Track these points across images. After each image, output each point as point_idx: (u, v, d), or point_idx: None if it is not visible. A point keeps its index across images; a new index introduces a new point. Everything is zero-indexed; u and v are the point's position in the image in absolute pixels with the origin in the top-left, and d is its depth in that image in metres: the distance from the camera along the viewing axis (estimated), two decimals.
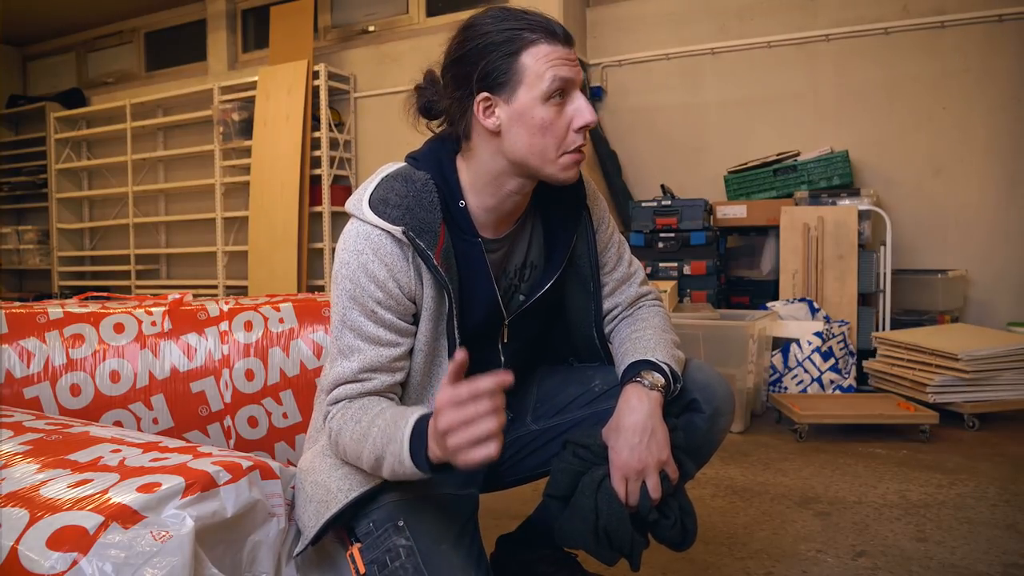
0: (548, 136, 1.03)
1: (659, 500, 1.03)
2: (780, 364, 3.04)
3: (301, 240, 4.59)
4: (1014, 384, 2.62)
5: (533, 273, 1.19)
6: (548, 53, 1.01)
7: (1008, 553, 1.60)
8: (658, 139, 4.14)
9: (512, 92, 1.02)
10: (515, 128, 1.03)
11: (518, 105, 1.02)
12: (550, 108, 1.02)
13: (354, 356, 1.04)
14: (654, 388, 1.07)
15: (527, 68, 1.01)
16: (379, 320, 1.03)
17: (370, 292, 1.03)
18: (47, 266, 6.17)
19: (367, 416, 1.00)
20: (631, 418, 1.04)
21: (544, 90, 1.01)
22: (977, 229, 3.49)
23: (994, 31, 3.41)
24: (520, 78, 1.01)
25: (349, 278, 1.03)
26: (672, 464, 1.05)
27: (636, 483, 1.03)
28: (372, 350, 1.04)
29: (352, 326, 1.04)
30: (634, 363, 1.11)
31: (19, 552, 0.80)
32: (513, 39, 1.01)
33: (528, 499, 1.42)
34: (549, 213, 1.18)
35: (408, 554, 0.98)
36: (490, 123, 1.03)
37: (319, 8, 4.96)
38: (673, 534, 1.06)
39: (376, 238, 1.03)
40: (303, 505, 1.06)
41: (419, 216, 1.03)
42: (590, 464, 1.06)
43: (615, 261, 1.24)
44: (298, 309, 1.65)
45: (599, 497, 1.02)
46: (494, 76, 1.01)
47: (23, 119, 6.44)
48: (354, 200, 1.07)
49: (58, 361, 1.46)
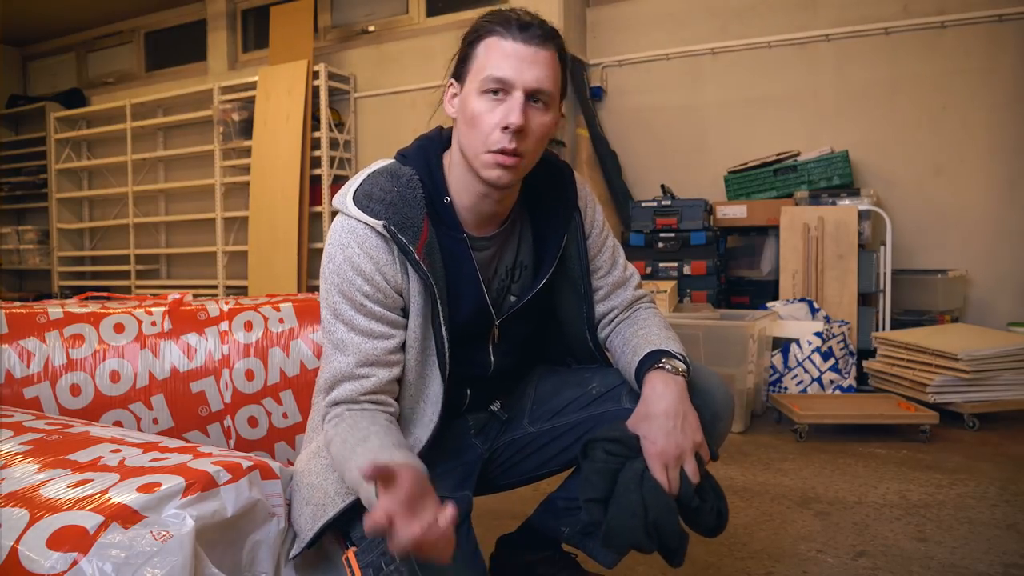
0: (476, 129, 1.01)
1: (699, 483, 1.02)
2: (780, 364, 3.04)
3: (301, 240, 4.59)
4: (1014, 384, 2.62)
5: (524, 274, 1.18)
6: (495, 46, 1.00)
7: (1008, 553, 1.60)
8: (658, 139, 4.14)
9: (463, 81, 1.04)
10: (460, 117, 1.05)
11: (463, 94, 1.04)
12: (484, 101, 1.00)
13: (348, 350, 1.03)
14: (677, 373, 1.07)
15: (476, 58, 1.02)
16: (369, 313, 1.04)
17: (357, 285, 1.03)
18: (47, 266, 6.17)
19: (354, 436, 0.99)
20: (662, 404, 1.03)
21: (479, 82, 1.00)
22: (977, 229, 3.49)
23: (994, 31, 3.41)
24: (470, 67, 1.03)
25: (336, 272, 1.03)
26: (705, 446, 1.05)
27: (676, 470, 1.01)
28: (366, 343, 1.03)
29: (343, 319, 1.04)
30: (650, 353, 1.11)
31: (19, 552, 0.80)
32: (478, 29, 1.03)
33: (528, 499, 1.42)
34: (537, 214, 1.18)
35: (403, 557, 0.98)
36: (450, 110, 1.06)
37: (319, 8, 4.95)
38: (710, 519, 1.05)
39: (361, 232, 1.03)
40: (299, 507, 1.06)
41: (402, 211, 1.03)
42: (624, 459, 1.03)
43: (610, 265, 1.24)
44: (298, 309, 1.65)
45: (644, 490, 0.99)
46: (457, 63, 1.04)
47: (23, 119, 6.44)
48: (340, 195, 1.07)
49: (58, 361, 1.46)
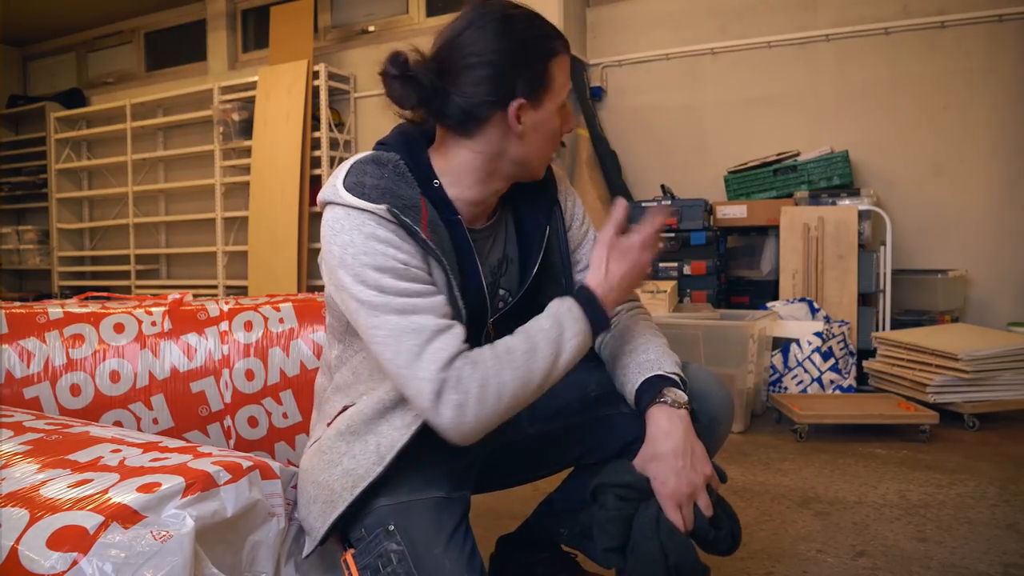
0: (552, 142, 1.08)
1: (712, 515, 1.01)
2: (780, 364, 3.04)
3: (301, 240, 4.59)
4: (1014, 384, 2.62)
5: (511, 268, 1.17)
6: (564, 65, 1.06)
7: (1008, 553, 1.60)
8: (658, 139, 4.14)
9: (540, 100, 1.03)
10: (534, 134, 1.05)
11: (543, 113, 1.04)
12: (558, 116, 1.07)
13: (419, 309, 0.96)
14: (680, 406, 1.04)
15: (554, 79, 1.04)
16: (414, 276, 0.97)
17: (391, 254, 0.96)
18: (47, 266, 6.17)
19: (506, 343, 0.99)
20: (669, 443, 1.01)
21: (559, 100, 1.06)
22: (977, 229, 3.49)
23: (994, 31, 3.41)
24: (548, 86, 1.04)
25: (363, 252, 0.96)
26: (715, 476, 1.04)
27: (689, 507, 1.00)
28: (428, 300, 0.97)
29: (395, 290, 0.96)
30: (649, 380, 1.08)
31: (19, 552, 0.80)
32: (547, 47, 1.04)
33: (528, 499, 1.42)
34: (518, 206, 1.17)
35: (400, 559, 0.98)
36: (518, 128, 1.03)
37: (319, 8, 4.96)
38: (725, 544, 1.04)
39: (368, 216, 0.98)
40: (307, 506, 1.05)
41: (398, 194, 1.00)
42: (636, 503, 1.01)
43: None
44: (298, 309, 1.65)
45: (662, 536, 0.98)
46: (532, 82, 1.02)
47: (23, 119, 6.44)
48: (328, 188, 1.02)
49: (58, 361, 1.46)
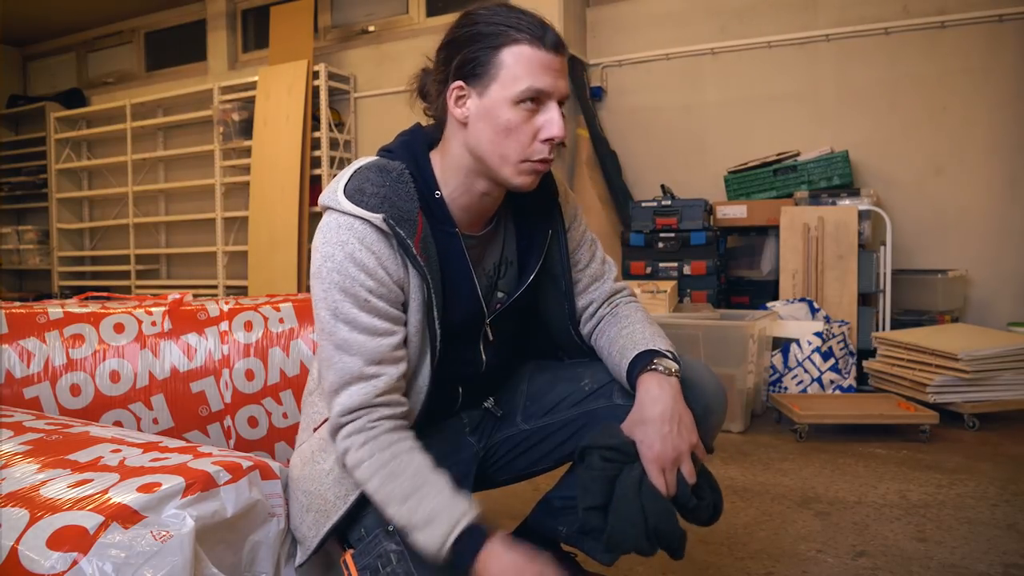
0: (511, 139, 1.01)
1: (695, 484, 1.03)
2: (780, 364, 3.04)
3: (301, 240, 4.59)
4: (1014, 384, 2.62)
5: (509, 271, 1.18)
6: (530, 57, 1.00)
7: (1008, 553, 1.60)
8: (658, 139, 4.14)
9: (485, 87, 1.01)
10: (480, 123, 1.02)
11: (488, 101, 1.01)
12: (518, 112, 1.00)
13: (354, 350, 1.00)
14: (670, 374, 1.06)
15: (505, 66, 1.00)
16: (373, 309, 1.01)
17: (361, 281, 1.00)
18: (47, 266, 6.17)
19: (409, 464, 0.99)
20: (657, 407, 1.03)
21: (515, 93, 1.00)
22: (977, 229, 3.48)
23: (995, 31, 3.40)
24: (496, 74, 1.00)
25: (337, 270, 1.00)
26: (701, 445, 1.05)
27: (672, 472, 1.02)
28: (371, 341, 1.00)
29: (346, 319, 1.00)
30: (641, 354, 1.10)
31: (19, 552, 0.80)
32: (498, 34, 1.00)
33: (528, 499, 1.42)
34: (521, 209, 1.17)
35: (399, 559, 0.98)
36: (459, 112, 1.03)
37: (319, 8, 4.95)
38: (706, 514, 1.06)
39: (359, 227, 1.01)
40: (300, 514, 1.05)
41: (397, 204, 1.02)
42: (621, 464, 1.02)
43: (588, 258, 1.24)
44: (298, 309, 1.65)
45: (643, 497, 1.00)
46: (471, 66, 1.01)
47: (23, 119, 6.44)
48: (328, 193, 1.04)
49: (58, 361, 1.46)
